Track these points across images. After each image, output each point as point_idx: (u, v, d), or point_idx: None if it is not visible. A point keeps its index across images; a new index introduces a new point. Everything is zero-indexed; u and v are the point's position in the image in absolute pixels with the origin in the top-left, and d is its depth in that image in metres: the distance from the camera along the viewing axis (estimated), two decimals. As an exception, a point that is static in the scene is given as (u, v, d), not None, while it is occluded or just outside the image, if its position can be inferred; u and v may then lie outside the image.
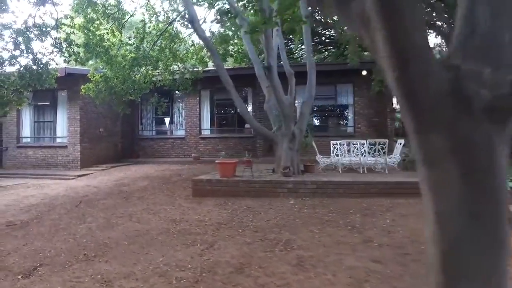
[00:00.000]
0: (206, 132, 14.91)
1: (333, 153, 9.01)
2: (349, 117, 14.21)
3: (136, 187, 8.88)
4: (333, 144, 8.48)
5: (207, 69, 13.99)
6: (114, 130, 14.63)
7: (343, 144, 8.48)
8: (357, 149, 8.55)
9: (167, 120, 15.81)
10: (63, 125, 13.17)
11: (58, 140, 13.36)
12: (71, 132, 12.80)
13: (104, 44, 10.82)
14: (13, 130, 13.69)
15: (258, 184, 7.03)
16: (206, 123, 14.94)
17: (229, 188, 7.10)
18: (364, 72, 13.18)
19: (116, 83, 10.89)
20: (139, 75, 11.66)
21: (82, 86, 10.38)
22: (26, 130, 13.76)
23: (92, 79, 10.38)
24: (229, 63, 16.58)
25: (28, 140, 13.76)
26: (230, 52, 15.12)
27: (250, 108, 14.72)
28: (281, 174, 7.54)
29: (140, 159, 14.56)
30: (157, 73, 12.76)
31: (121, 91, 11.04)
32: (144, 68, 11.34)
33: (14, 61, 8.76)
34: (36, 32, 9.20)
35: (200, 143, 14.69)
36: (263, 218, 5.61)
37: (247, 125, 15.11)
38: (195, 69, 13.54)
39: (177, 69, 13.40)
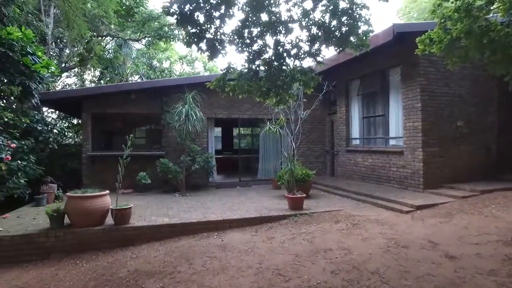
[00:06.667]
0: None
1: None
2: None
3: None
4: None
5: None
6: (484, 122, 8.33)
7: None
8: None
9: None
10: (398, 120, 8.71)
11: (391, 142, 9.08)
12: (408, 129, 8.10)
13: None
14: (342, 130, 11.00)
15: None
16: None
17: None
18: None
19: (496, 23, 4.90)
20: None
21: (417, 39, 5.35)
22: (355, 129, 10.60)
23: (437, 21, 5.07)
24: None
25: (357, 142, 10.53)
26: None
27: None
28: None
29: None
30: None
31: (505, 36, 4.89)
32: None
33: (304, 19, 5.18)
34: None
35: None
36: None
37: None
38: None
39: None
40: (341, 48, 4.95)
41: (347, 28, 4.88)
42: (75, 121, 15.02)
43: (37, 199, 7.82)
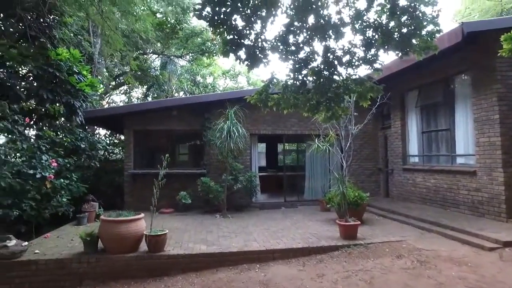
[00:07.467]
0: None
1: None
2: None
3: None
4: None
5: None
6: None
7: None
8: None
9: None
10: (467, 135, 7.52)
11: (458, 160, 7.86)
12: (481, 145, 6.90)
13: None
14: (398, 146, 9.89)
15: None
16: None
17: None
18: None
19: None
20: None
21: (502, 37, 4.36)
22: (413, 146, 9.44)
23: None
24: None
25: (416, 159, 9.35)
26: None
27: None
28: None
29: None
30: None
31: None
32: None
33: (357, 22, 4.41)
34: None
35: None
36: None
37: None
38: None
39: None
40: (402, 52, 4.19)
41: (409, 28, 4.11)
42: (122, 137, 15.36)
43: (79, 217, 7.73)
